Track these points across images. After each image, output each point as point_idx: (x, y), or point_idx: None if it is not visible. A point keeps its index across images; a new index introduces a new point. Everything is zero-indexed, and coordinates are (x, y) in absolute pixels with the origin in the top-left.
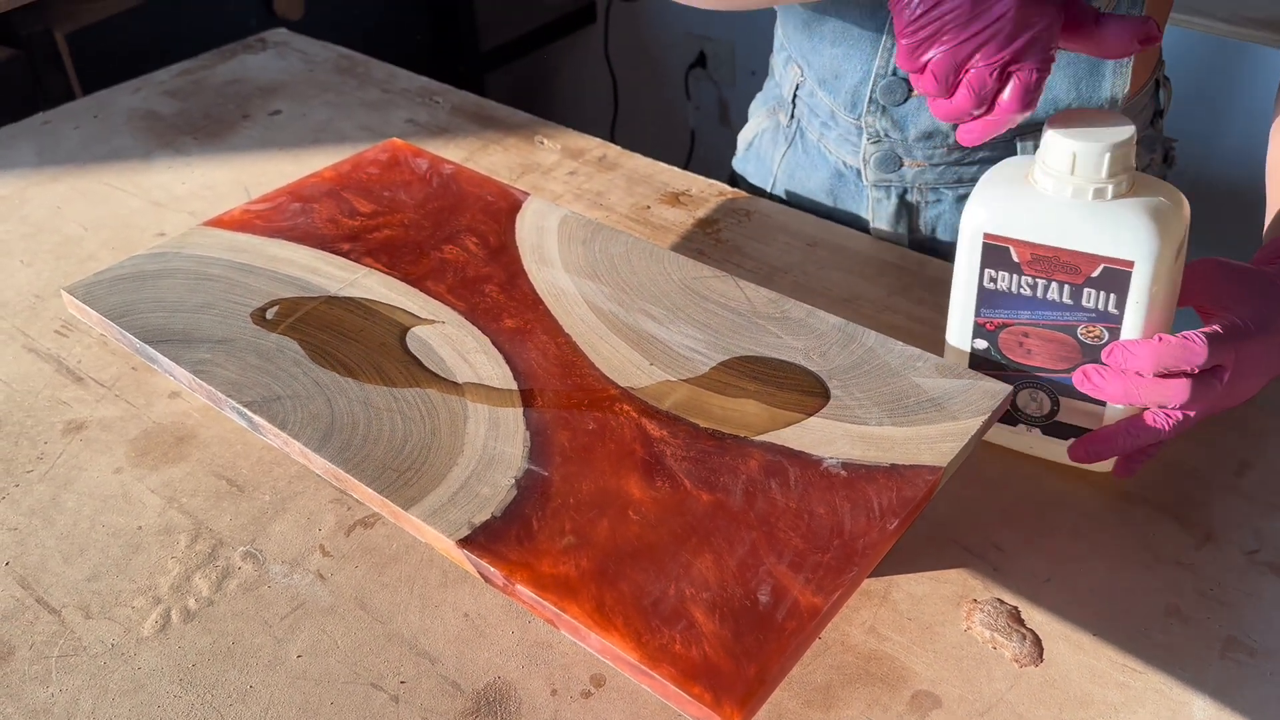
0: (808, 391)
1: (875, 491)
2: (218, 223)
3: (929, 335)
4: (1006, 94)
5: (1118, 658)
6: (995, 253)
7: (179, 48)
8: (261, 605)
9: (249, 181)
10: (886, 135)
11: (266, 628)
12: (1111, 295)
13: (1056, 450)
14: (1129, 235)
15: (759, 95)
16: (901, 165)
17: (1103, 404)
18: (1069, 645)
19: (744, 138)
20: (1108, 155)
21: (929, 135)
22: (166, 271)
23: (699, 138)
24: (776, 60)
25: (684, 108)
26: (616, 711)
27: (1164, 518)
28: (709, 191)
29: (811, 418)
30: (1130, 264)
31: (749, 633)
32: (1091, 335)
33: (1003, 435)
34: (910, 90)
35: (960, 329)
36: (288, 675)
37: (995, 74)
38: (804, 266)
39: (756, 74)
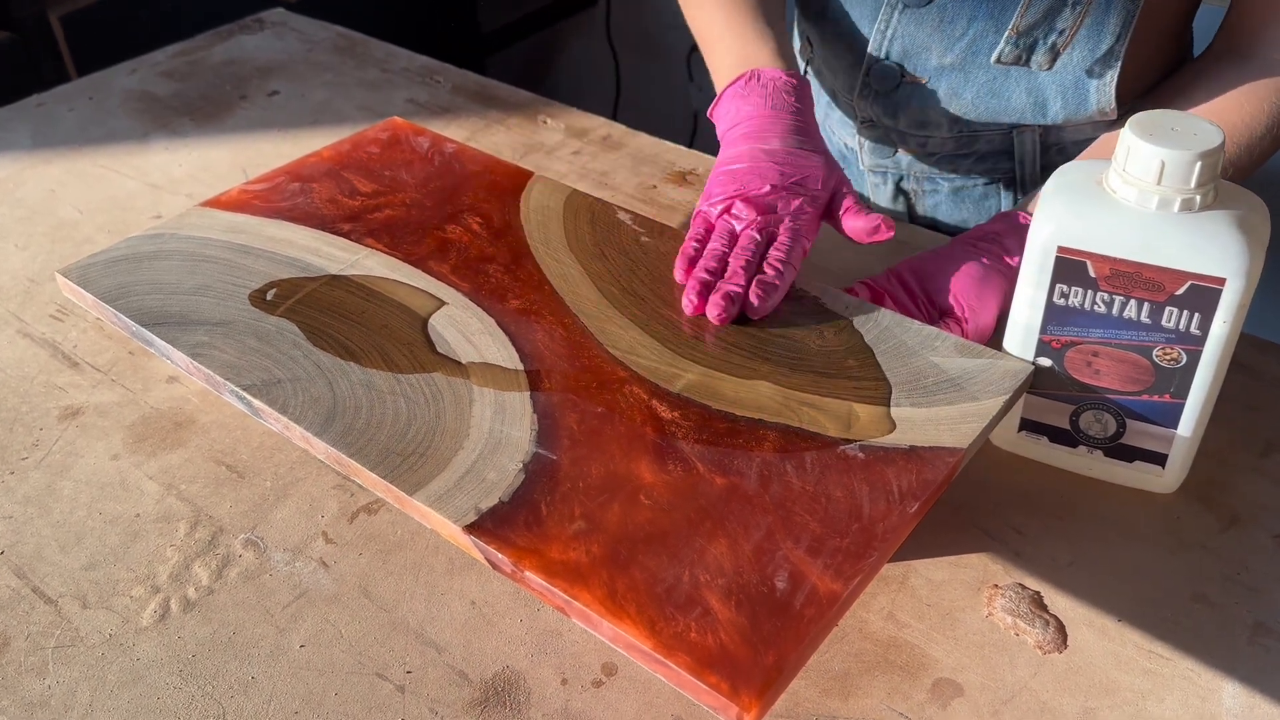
0: (822, 372)
1: (894, 474)
2: (215, 203)
3: None
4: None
5: (1144, 643)
6: (1069, 267)
7: (174, 31)
8: (263, 594)
9: (247, 163)
10: (879, 120)
11: (268, 617)
12: (1196, 315)
13: (1119, 473)
14: (1220, 250)
15: None
16: (896, 152)
17: (1174, 427)
18: (1093, 631)
19: None
20: (1198, 164)
21: (921, 124)
22: (163, 253)
23: (702, 120)
24: (790, 37)
25: (686, 89)
26: (628, 701)
27: (1188, 500)
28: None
29: (827, 399)
30: (1221, 281)
31: (766, 620)
32: (1168, 358)
33: (1061, 456)
34: (903, 76)
35: (1022, 345)
36: (290, 665)
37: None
38: (815, 247)
39: None
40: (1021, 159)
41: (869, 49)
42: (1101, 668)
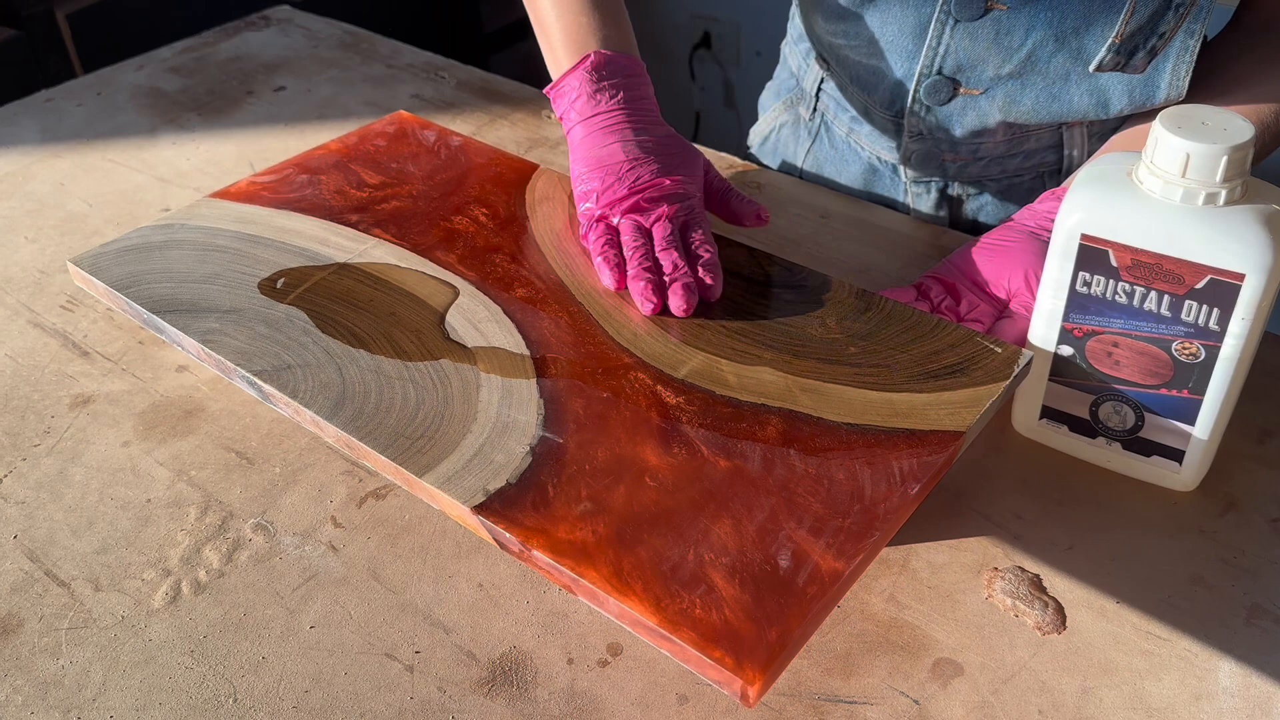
0: (824, 359)
1: (895, 457)
2: (224, 194)
3: None
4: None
5: (1142, 624)
6: (1092, 255)
7: (179, 30)
8: (273, 577)
9: (254, 157)
10: (930, 134)
11: (278, 599)
12: (1215, 310)
13: (1136, 467)
14: (1241, 246)
15: (770, 86)
16: (944, 161)
17: (1192, 424)
18: (1092, 613)
19: (758, 132)
20: (1224, 158)
21: (976, 134)
22: (173, 243)
23: (704, 120)
24: (794, 51)
25: (688, 89)
26: (633, 680)
27: None
28: (719, 165)
29: (829, 384)
30: (1240, 277)
31: (770, 597)
32: (1187, 353)
33: (1081, 447)
34: (956, 89)
35: (1045, 333)
36: (300, 646)
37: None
38: (817, 238)
39: (762, 55)
40: (1071, 150)
41: (919, 65)
42: (1100, 648)
